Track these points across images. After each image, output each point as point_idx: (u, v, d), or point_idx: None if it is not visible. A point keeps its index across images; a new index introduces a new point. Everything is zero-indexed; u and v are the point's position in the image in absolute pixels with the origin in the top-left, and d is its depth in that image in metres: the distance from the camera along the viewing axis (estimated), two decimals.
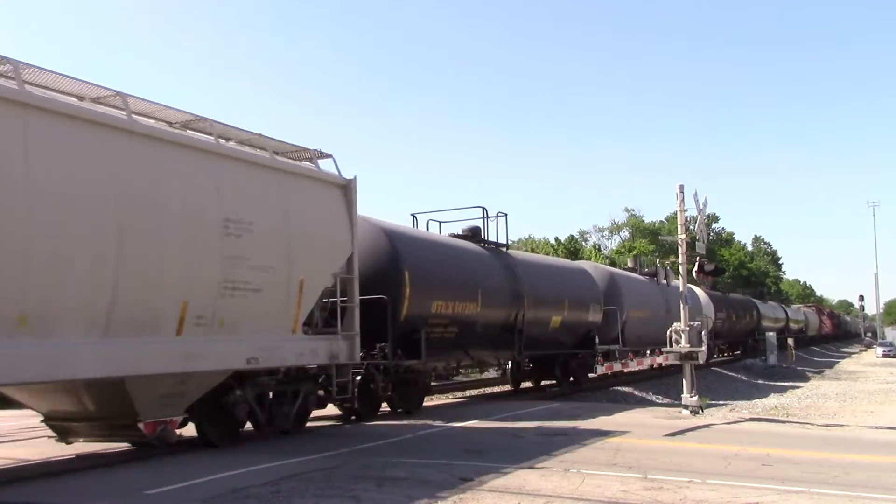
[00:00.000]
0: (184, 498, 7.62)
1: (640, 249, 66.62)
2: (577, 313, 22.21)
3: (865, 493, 7.85)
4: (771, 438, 12.38)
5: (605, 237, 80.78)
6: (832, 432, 13.61)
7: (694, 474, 8.66)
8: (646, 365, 25.41)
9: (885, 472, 9.49)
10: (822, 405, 23.53)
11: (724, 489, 7.88)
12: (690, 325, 16.21)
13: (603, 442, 11.44)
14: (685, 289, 17.30)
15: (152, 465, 9.74)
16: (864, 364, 55.53)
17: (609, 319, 24.57)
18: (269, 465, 9.35)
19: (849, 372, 44.50)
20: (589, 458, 9.91)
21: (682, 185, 16.73)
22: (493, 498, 7.45)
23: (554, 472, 8.76)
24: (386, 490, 7.84)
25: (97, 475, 9.02)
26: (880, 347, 69.44)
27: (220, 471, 8.90)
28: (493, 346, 18.97)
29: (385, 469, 8.97)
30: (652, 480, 8.31)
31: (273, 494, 7.66)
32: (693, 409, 15.69)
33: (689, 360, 15.92)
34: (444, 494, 7.59)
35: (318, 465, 9.29)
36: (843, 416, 19.81)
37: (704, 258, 18.28)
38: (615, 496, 7.53)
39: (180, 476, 8.60)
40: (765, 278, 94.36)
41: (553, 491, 7.73)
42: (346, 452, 10.42)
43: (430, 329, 15.59)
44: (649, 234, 74.20)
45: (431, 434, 12.53)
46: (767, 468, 9.31)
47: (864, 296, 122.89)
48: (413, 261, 15.17)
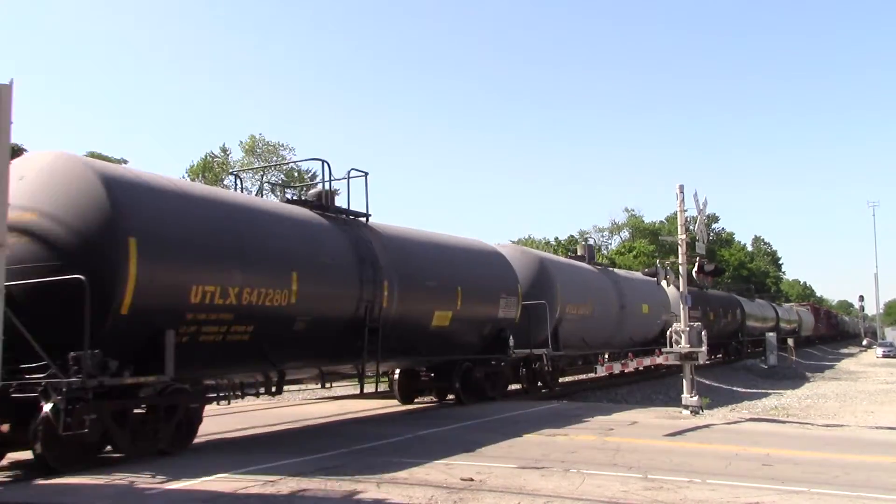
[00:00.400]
0: (184, 498, 7.62)
1: (639, 249, 66.60)
2: (478, 307, 17.03)
3: (866, 493, 7.85)
4: (771, 438, 12.38)
5: (605, 237, 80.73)
6: (832, 432, 13.60)
7: (694, 474, 8.66)
8: (646, 364, 25.08)
9: (885, 472, 9.50)
10: (822, 405, 23.56)
11: (725, 489, 7.88)
12: (691, 326, 16.22)
13: (603, 442, 11.44)
14: (685, 289, 17.29)
15: (152, 465, 9.73)
16: (863, 364, 55.61)
17: (535, 316, 20.19)
18: (269, 465, 9.34)
19: (849, 372, 44.55)
20: (589, 458, 9.90)
21: (682, 185, 16.76)
22: (493, 498, 7.45)
23: (554, 472, 8.75)
24: (386, 490, 7.84)
25: (97, 475, 9.01)
26: (880, 347, 69.48)
27: (220, 471, 8.90)
28: (329, 352, 13.35)
29: (385, 469, 8.97)
30: (652, 480, 8.31)
31: (273, 494, 7.66)
32: (693, 409, 15.69)
33: (689, 361, 15.94)
34: (444, 494, 7.59)
35: (318, 465, 9.30)
36: (843, 416, 19.86)
37: (704, 258, 18.26)
38: (615, 496, 7.53)
39: (180, 476, 8.59)
40: (765, 278, 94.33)
41: (553, 491, 7.73)
42: (346, 452, 10.41)
43: (194, 329, 10.50)
44: (649, 234, 74.09)
45: (429, 435, 12.53)
46: (767, 468, 9.31)
47: (864, 296, 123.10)
48: (148, 220, 9.97)
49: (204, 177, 42.51)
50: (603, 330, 24.82)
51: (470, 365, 17.27)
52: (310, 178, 47.56)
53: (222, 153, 45.80)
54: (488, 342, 17.99)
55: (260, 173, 45.31)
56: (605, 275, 26.67)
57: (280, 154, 46.22)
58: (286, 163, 43.06)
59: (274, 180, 46.02)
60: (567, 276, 22.82)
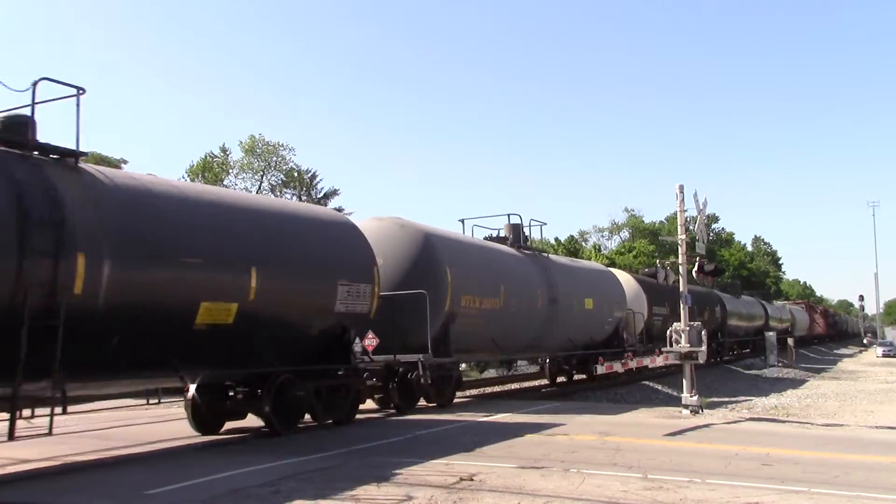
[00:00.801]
0: (184, 498, 7.62)
1: (639, 249, 66.63)
2: (295, 297, 12.41)
3: (865, 493, 7.85)
4: (771, 438, 12.38)
5: (605, 237, 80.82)
6: (832, 432, 13.61)
7: (694, 474, 8.65)
8: (646, 364, 24.90)
9: (885, 472, 9.50)
10: (822, 405, 23.56)
11: (724, 489, 7.88)
12: (691, 325, 16.22)
13: (603, 441, 11.44)
14: (685, 289, 17.30)
15: (152, 465, 9.75)
16: (863, 364, 55.59)
17: (412, 311, 15.07)
18: (269, 465, 9.35)
19: (848, 372, 44.54)
20: (589, 457, 9.91)
21: (682, 185, 16.77)
22: (493, 498, 7.45)
23: (554, 472, 8.75)
24: (386, 490, 7.84)
25: (97, 475, 9.02)
26: (880, 347, 69.38)
27: (220, 471, 8.91)
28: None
29: (384, 469, 8.97)
30: (652, 480, 8.31)
31: (273, 494, 7.66)
32: (693, 408, 15.70)
33: (688, 360, 15.96)
34: (443, 494, 7.59)
35: (318, 465, 9.30)
36: (843, 415, 19.84)
37: (704, 258, 18.28)
38: (615, 496, 7.52)
39: (180, 476, 8.60)
40: (765, 278, 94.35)
41: (553, 491, 7.73)
42: (346, 452, 10.42)
43: None
44: (649, 234, 74.16)
45: (430, 434, 12.53)
46: (767, 468, 9.31)
47: (864, 296, 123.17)
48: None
49: (204, 177, 42.52)
50: (524, 329, 19.77)
51: (290, 378, 12.32)
52: (309, 178, 47.73)
53: (222, 153, 45.82)
54: (325, 347, 13.23)
55: (260, 173, 45.39)
56: (531, 261, 21.16)
57: (280, 154, 46.27)
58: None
59: (274, 181, 46.09)
60: (465, 259, 17.55)
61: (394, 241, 16.27)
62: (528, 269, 20.67)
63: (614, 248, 74.74)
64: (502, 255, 20.01)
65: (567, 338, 22.43)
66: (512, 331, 19.17)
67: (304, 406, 12.85)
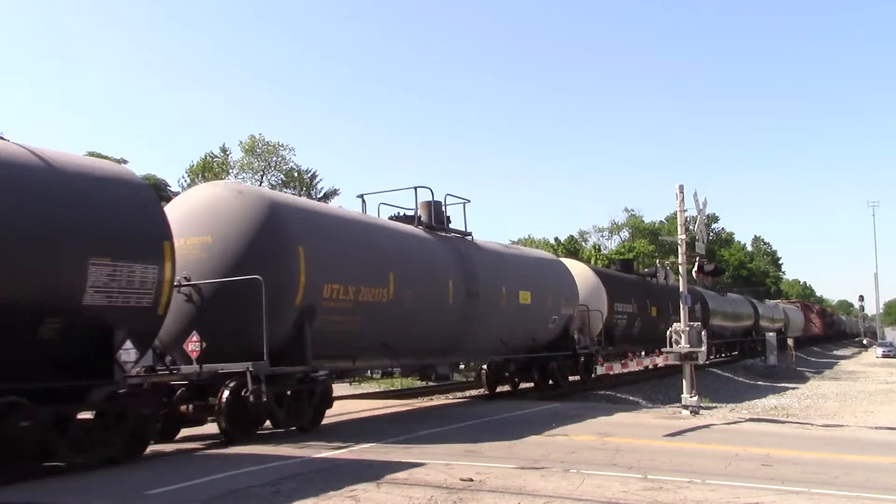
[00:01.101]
0: (184, 498, 7.61)
1: (639, 249, 66.66)
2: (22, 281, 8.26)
3: (865, 493, 7.85)
4: (771, 439, 12.38)
5: (604, 237, 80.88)
6: (832, 432, 13.61)
7: (694, 474, 8.65)
8: (646, 365, 24.96)
9: (885, 472, 9.50)
10: (822, 405, 23.57)
11: (724, 489, 7.87)
12: (691, 325, 16.22)
13: (603, 442, 11.45)
14: (685, 288, 17.29)
15: (152, 465, 9.74)
16: (863, 364, 55.56)
17: (244, 303, 11.32)
18: (269, 465, 9.34)
19: (848, 372, 44.54)
20: (589, 458, 9.90)
21: (682, 185, 16.76)
22: (493, 498, 7.45)
23: (554, 473, 8.75)
24: (385, 490, 7.84)
25: (97, 475, 9.01)
26: (880, 347, 69.32)
27: (220, 471, 8.90)
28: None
29: (384, 469, 8.96)
30: (652, 481, 8.30)
31: (273, 494, 7.66)
32: (693, 409, 15.70)
33: (688, 361, 15.95)
34: (443, 494, 7.59)
35: (318, 466, 9.29)
36: (843, 416, 19.85)
37: (704, 258, 18.28)
38: (615, 496, 7.52)
39: (180, 476, 8.59)
40: (765, 278, 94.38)
41: (553, 491, 7.73)
42: (345, 452, 10.41)
43: None
44: (649, 234, 74.25)
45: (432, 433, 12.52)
46: (767, 468, 9.31)
47: (864, 296, 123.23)
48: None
49: (204, 177, 42.52)
50: (430, 328, 15.89)
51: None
52: (309, 178, 47.73)
53: (222, 153, 45.82)
54: (76, 357, 9.00)
55: (260, 173, 45.43)
56: (443, 245, 16.97)
57: (280, 154, 46.28)
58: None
59: (274, 181, 46.11)
60: (331, 237, 13.51)
61: (229, 213, 12.19)
62: (437, 254, 16.49)
63: (614, 248, 74.78)
64: (396, 235, 15.78)
65: (497, 339, 18.37)
66: (411, 330, 15.27)
67: (34, 446, 8.63)
